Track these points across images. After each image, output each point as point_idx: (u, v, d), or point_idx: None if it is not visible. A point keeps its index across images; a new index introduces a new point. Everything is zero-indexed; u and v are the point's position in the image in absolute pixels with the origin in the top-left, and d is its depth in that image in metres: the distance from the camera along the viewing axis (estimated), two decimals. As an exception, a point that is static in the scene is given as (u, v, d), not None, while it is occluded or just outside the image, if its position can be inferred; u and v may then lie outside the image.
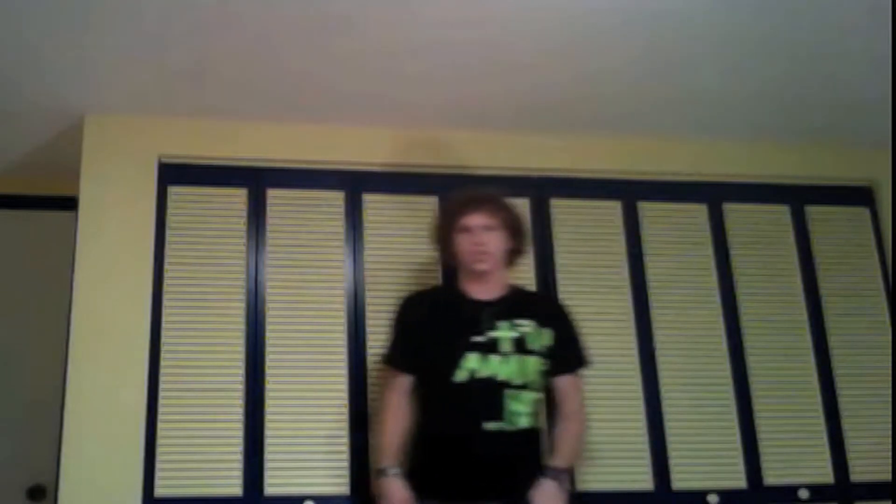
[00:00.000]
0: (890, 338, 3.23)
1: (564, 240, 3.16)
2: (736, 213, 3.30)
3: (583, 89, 2.95)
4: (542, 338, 2.53)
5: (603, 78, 2.88)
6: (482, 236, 2.52)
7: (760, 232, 3.30)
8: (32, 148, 3.22)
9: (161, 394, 2.78)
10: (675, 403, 3.04)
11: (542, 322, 2.54)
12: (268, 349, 2.87)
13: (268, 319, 2.90)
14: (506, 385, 2.42)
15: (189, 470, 2.74)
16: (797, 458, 3.05)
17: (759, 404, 3.08)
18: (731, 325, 3.16)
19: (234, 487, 2.74)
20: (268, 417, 2.81)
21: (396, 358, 2.59)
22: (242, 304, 2.90)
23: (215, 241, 2.96)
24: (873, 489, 3.04)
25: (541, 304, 2.68)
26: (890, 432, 3.10)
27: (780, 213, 3.34)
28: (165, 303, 2.86)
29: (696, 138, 3.31)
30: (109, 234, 2.88)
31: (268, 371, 2.85)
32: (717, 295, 3.19)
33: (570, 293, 3.09)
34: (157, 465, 2.72)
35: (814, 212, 3.36)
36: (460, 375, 2.41)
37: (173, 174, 3.00)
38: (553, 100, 3.01)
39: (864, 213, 3.40)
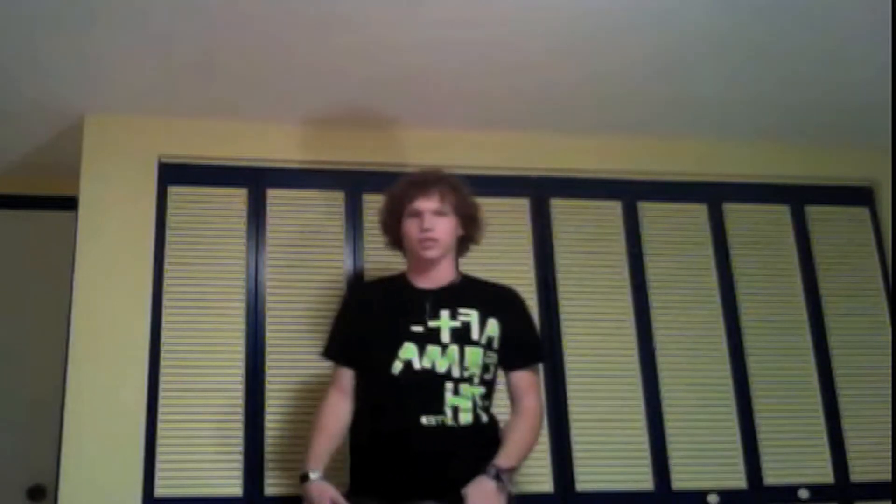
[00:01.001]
0: (890, 338, 3.23)
1: (564, 240, 3.16)
2: (736, 213, 3.30)
3: (585, 90, 2.95)
4: (487, 328, 2.33)
5: (606, 79, 2.88)
6: (432, 221, 2.33)
7: (760, 232, 3.30)
8: (32, 148, 3.22)
9: (161, 394, 2.78)
10: (675, 403, 3.04)
11: (489, 312, 2.35)
12: (268, 349, 2.87)
13: (268, 319, 2.90)
14: (446, 377, 2.25)
15: (189, 470, 2.74)
16: (797, 458, 3.05)
17: (759, 404, 3.08)
18: (731, 325, 3.16)
19: (235, 487, 2.74)
20: (268, 417, 2.81)
21: (333, 349, 2.45)
22: (242, 304, 2.90)
23: (215, 241, 2.96)
24: (873, 489, 3.04)
25: (490, 293, 2.43)
26: (890, 432, 3.10)
27: (780, 213, 3.34)
28: (165, 303, 2.86)
29: (697, 138, 3.31)
30: (109, 234, 2.88)
31: (268, 371, 2.85)
32: (717, 295, 3.19)
33: (570, 293, 3.10)
34: (157, 465, 2.72)
35: (814, 212, 3.36)
36: (396, 367, 2.26)
37: (173, 174, 3.00)
38: (555, 100, 3.01)
39: (864, 213, 3.40)
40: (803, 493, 3.01)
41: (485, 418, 2.30)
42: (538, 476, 2.89)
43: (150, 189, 2.95)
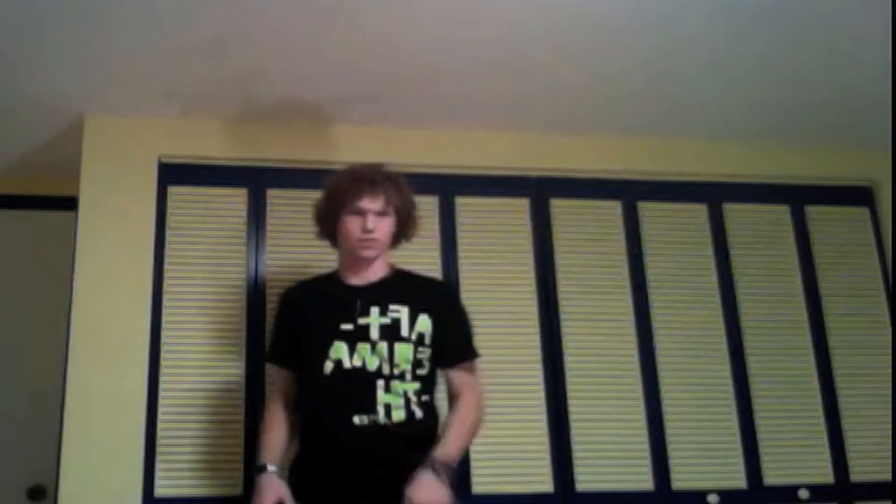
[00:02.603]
0: (890, 338, 3.23)
1: (564, 240, 3.16)
2: (736, 213, 3.30)
3: (586, 90, 2.95)
4: (418, 324, 2.30)
5: (607, 79, 2.88)
6: (374, 222, 2.29)
7: (760, 232, 3.30)
8: (32, 148, 3.22)
9: (161, 394, 2.78)
10: (675, 403, 3.04)
11: (420, 308, 2.31)
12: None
13: (268, 319, 2.90)
14: (377, 375, 2.23)
15: (189, 470, 2.74)
16: (797, 458, 3.05)
17: (759, 404, 3.08)
18: (731, 325, 3.16)
19: (235, 487, 2.74)
20: (268, 417, 2.81)
21: (273, 353, 2.47)
22: (242, 304, 2.90)
23: (215, 241, 2.96)
24: (873, 489, 3.04)
25: (423, 288, 2.41)
26: (890, 432, 3.10)
27: (780, 213, 3.34)
28: (165, 303, 2.86)
29: (697, 138, 3.31)
30: (109, 234, 2.88)
31: (268, 371, 2.85)
32: (717, 295, 3.19)
33: (570, 293, 3.10)
34: (157, 465, 2.72)
35: (814, 212, 3.36)
36: (328, 367, 2.24)
37: (173, 174, 3.00)
38: (556, 100, 3.01)
39: (864, 213, 3.40)
40: (803, 493, 3.01)
41: (419, 414, 2.26)
42: (538, 476, 2.89)
43: (150, 189, 2.95)
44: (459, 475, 2.40)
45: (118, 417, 2.72)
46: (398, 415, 2.23)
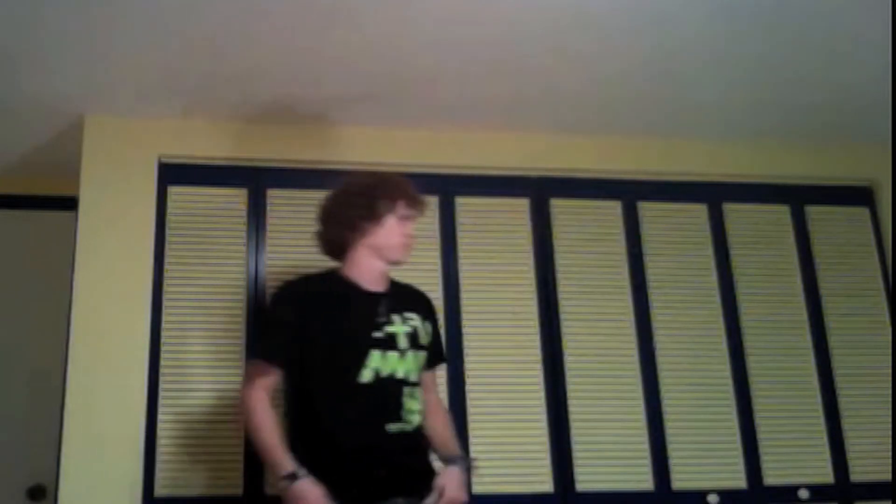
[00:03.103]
0: (890, 338, 3.23)
1: (564, 240, 3.16)
2: (736, 213, 3.30)
3: (587, 90, 2.95)
4: (425, 332, 2.36)
5: (607, 80, 2.88)
6: (413, 231, 2.36)
7: (760, 232, 3.30)
8: (32, 148, 3.22)
9: (161, 394, 2.78)
10: (675, 403, 3.04)
11: (423, 315, 2.37)
12: (268, 349, 2.87)
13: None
14: (403, 383, 2.25)
15: (189, 470, 2.74)
16: (797, 458, 3.05)
17: (759, 404, 3.08)
18: (731, 325, 3.16)
19: (235, 487, 2.74)
20: (268, 417, 2.81)
21: (277, 353, 2.26)
22: (242, 304, 2.90)
23: (215, 241, 2.96)
24: (873, 489, 3.04)
25: (418, 295, 2.45)
26: (890, 432, 3.10)
27: (780, 213, 3.34)
28: (165, 303, 2.86)
29: (697, 138, 3.31)
30: (109, 234, 2.88)
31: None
32: (717, 295, 3.19)
33: (570, 293, 3.10)
34: (157, 465, 2.72)
35: (814, 212, 3.36)
36: (366, 376, 2.21)
37: (173, 174, 3.00)
38: (557, 100, 3.01)
39: (864, 213, 3.40)
40: (803, 493, 3.01)
41: (421, 418, 2.31)
42: (538, 476, 2.89)
43: (150, 189, 2.95)
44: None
45: (118, 417, 2.72)
46: (416, 419, 2.27)
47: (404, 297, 2.39)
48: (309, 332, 2.24)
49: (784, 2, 2.49)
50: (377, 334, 2.25)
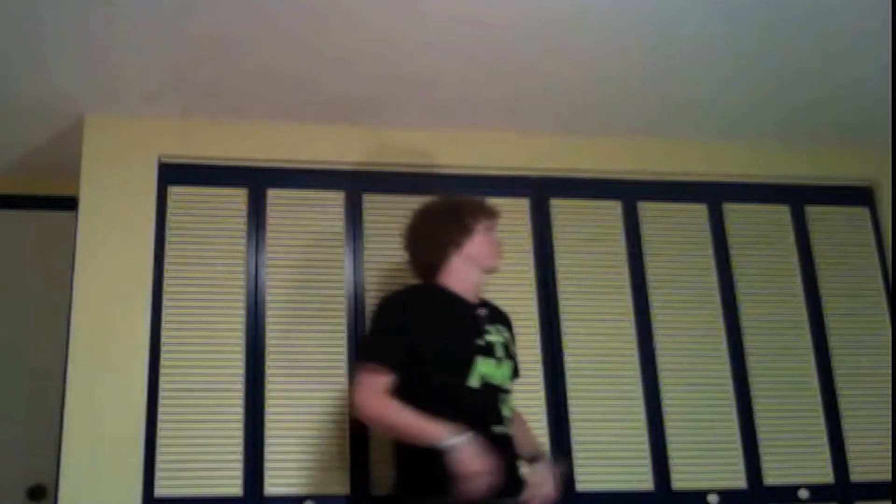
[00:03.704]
0: (890, 338, 3.23)
1: (564, 240, 3.16)
2: (736, 213, 3.31)
3: (587, 91, 2.95)
4: (513, 342, 2.55)
5: (608, 80, 2.88)
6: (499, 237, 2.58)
7: (760, 232, 3.30)
8: (32, 148, 3.22)
9: (161, 394, 2.78)
10: (675, 403, 3.04)
11: (508, 330, 2.55)
12: (268, 349, 2.87)
13: (268, 319, 2.90)
14: (500, 390, 2.39)
15: (189, 470, 2.74)
16: (797, 458, 3.05)
17: (759, 404, 3.08)
18: (731, 325, 3.16)
19: (235, 487, 2.74)
20: (268, 417, 2.81)
21: (390, 356, 2.34)
22: (242, 304, 2.90)
23: (215, 241, 2.96)
24: (873, 489, 3.04)
25: (503, 312, 2.62)
26: (890, 432, 3.10)
27: (780, 213, 3.34)
28: (165, 303, 2.86)
29: (697, 138, 3.31)
30: (109, 234, 2.88)
31: (268, 371, 2.85)
32: (717, 295, 3.19)
33: (570, 293, 3.10)
34: (157, 465, 2.72)
35: (814, 212, 3.36)
36: (473, 381, 2.33)
37: (173, 174, 3.00)
38: (557, 100, 3.01)
39: (864, 213, 3.40)
40: (803, 493, 3.01)
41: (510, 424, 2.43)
42: (538, 476, 2.89)
43: (151, 189, 2.95)
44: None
45: (118, 417, 2.72)
46: (510, 426, 2.40)
47: (494, 311, 2.56)
48: (419, 338, 2.35)
49: (784, 2, 2.49)
50: (480, 342, 2.39)
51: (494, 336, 2.44)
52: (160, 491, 2.70)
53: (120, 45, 2.60)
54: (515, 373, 2.52)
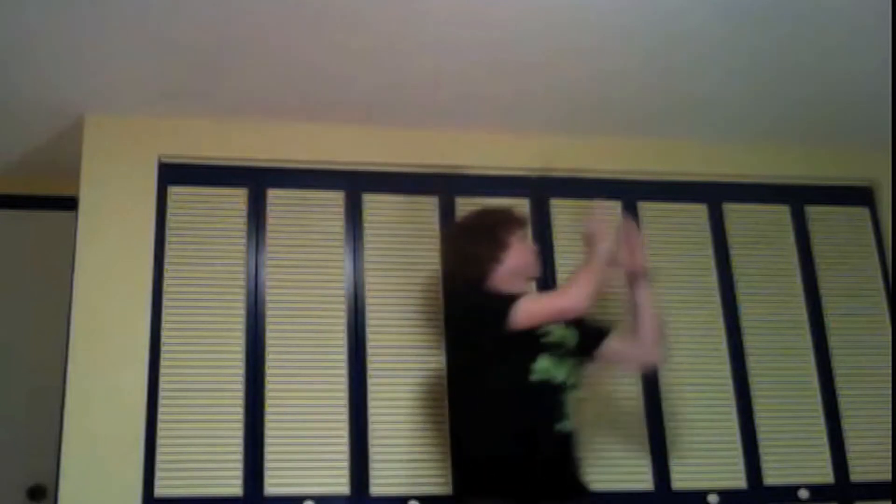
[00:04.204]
0: (890, 338, 3.23)
1: (564, 240, 3.16)
2: (736, 213, 3.30)
3: (587, 91, 2.95)
4: (573, 336, 2.56)
5: (608, 80, 2.88)
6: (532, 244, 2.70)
7: (760, 232, 3.30)
8: (32, 148, 3.21)
9: (161, 394, 2.78)
10: (675, 403, 3.04)
11: (566, 324, 2.55)
12: (268, 349, 2.87)
13: (268, 319, 2.90)
14: (562, 386, 2.44)
15: (189, 470, 2.74)
16: (797, 458, 3.05)
17: (759, 404, 3.08)
18: (731, 325, 3.16)
19: (235, 487, 2.74)
20: (268, 417, 2.81)
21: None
22: (242, 304, 2.90)
23: (215, 241, 2.96)
24: (873, 489, 3.04)
25: None
26: (890, 432, 3.10)
27: (780, 213, 3.34)
28: (165, 303, 2.86)
29: (697, 138, 3.31)
30: (109, 234, 2.88)
31: (268, 371, 2.85)
32: (717, 295, 3.19)
33: (570, 293, 3.09)
34: (157, 465, 2.72)
35: (814, 212, 3.36)
36: (536, 375, 2.40)
37: (173, 174, 3.00)
38: (557, 101, 3.01)
39: (864, 213, 3.40)
40: (803, 493, 3.01)
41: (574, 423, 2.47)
42: (538, 476, 2.89)
43: (151, 189, 2.95)
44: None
45: (118, 417, 2.72)
46: (573, 423, 2.43)
47: None
48: (488, 336, 2.42)
49: (784, 1, 2.49)
50: (544, 339, 2.45)
51: (560, 332, 2.49)
52: (160, 491, 2.70)
53: (120, 45, 2.60)
54: (603, 334, 2.64)
